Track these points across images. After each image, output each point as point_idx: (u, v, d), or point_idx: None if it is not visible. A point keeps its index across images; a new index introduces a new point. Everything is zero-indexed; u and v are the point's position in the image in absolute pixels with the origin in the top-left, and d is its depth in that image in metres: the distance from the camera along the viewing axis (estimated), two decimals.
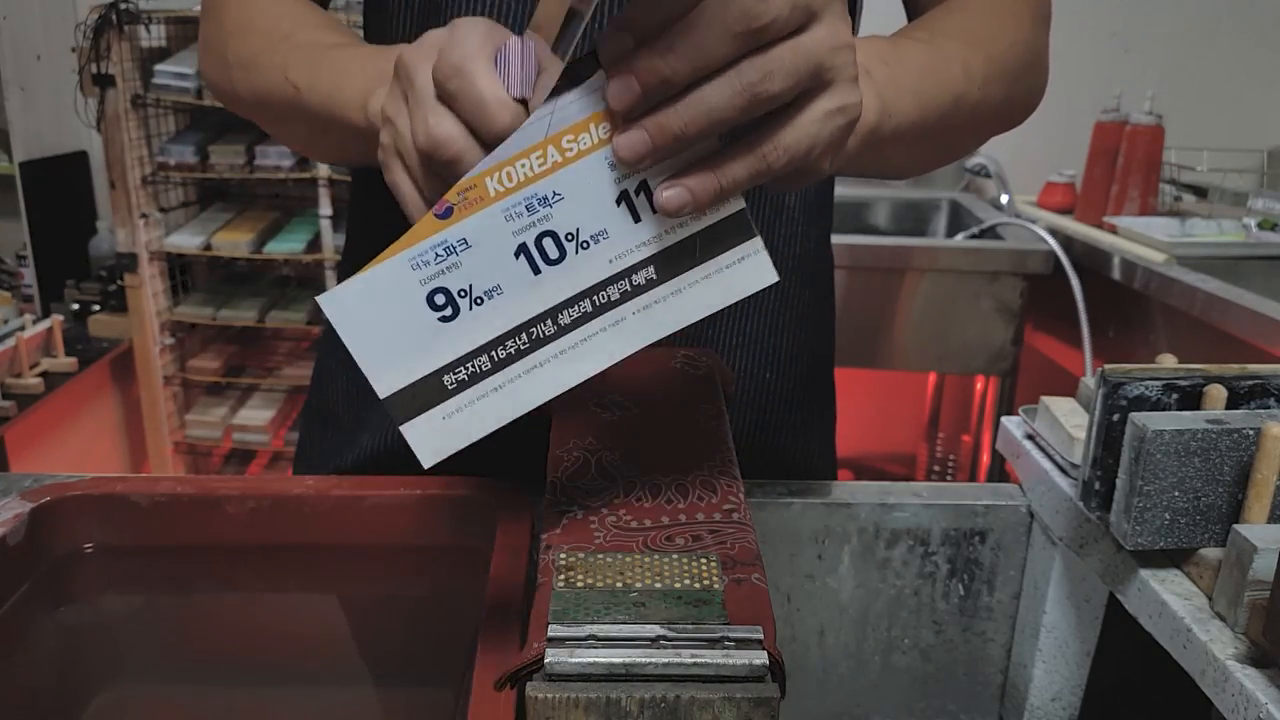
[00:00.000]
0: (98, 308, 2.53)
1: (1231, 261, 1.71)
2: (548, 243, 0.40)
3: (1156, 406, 0.46)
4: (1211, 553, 0.45)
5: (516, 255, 0.40)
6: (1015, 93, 0.61)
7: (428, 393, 0.41)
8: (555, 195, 0.39)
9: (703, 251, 0.40)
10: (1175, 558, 0.47)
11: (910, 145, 0.54)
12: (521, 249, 0.40)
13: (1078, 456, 0.53)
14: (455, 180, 0.39)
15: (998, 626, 0.63)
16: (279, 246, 2.35)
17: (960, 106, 0.55)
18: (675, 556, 0.42)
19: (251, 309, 2.43)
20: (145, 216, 2.33)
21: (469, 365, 0.41)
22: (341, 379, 0.74)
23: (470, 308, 0.40)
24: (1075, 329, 1.77)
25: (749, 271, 0.41)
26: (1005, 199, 2.10)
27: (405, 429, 0.41)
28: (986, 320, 1.81)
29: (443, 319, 0.40)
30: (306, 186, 2.35)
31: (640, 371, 0.57)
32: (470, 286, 0.40)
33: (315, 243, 2.35)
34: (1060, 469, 0.56)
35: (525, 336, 0.41)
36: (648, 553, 0.42)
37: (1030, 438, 0.59)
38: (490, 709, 0.38)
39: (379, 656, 0.56)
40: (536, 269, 0.40)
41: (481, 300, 0.40)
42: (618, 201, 0.39)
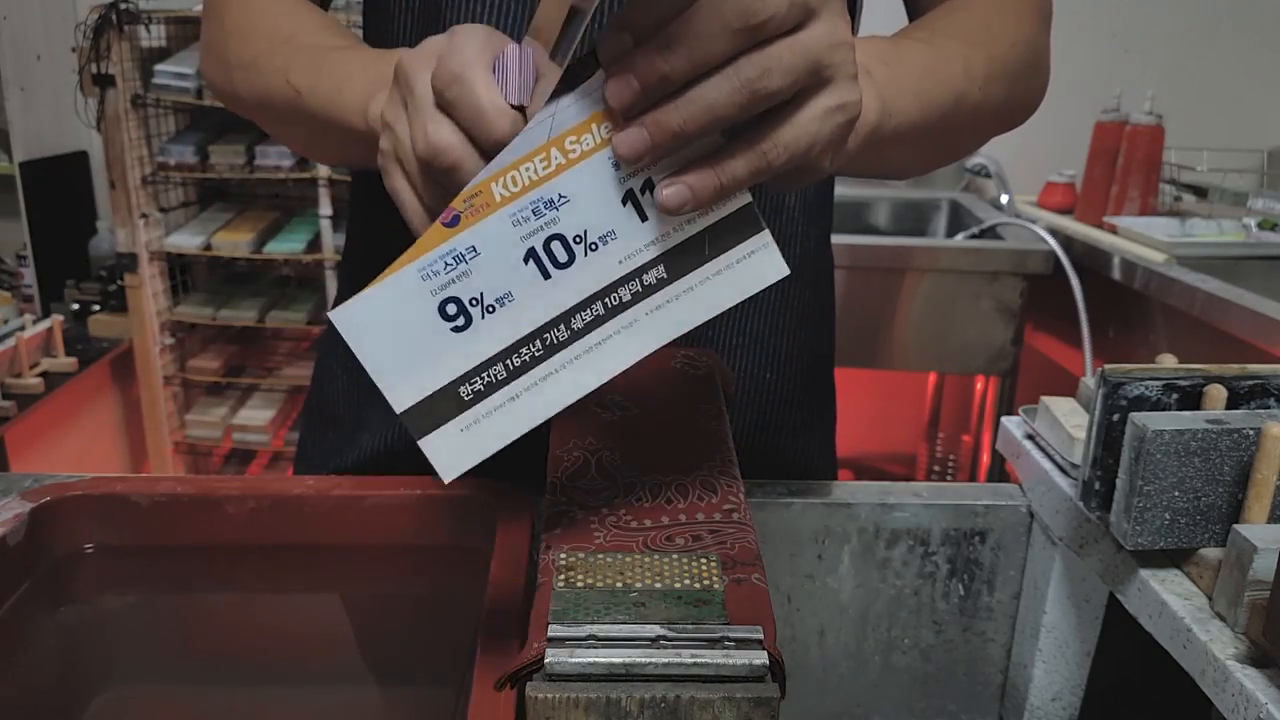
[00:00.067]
0: (98, 308, 2.53)
1: (1231, 261, 1.71)
2: (556, 246, 0.39)
3: (1156, 406, 0.46)
4: (1211, 553, 0.45)
5: (526, 260, 0.39)
6: (1016, 92, 0.61)
7: (444, 405, 0.40)
8: (561, 198, 0.39)
9: (712, 247, 0.40)
10: (1175, 558, 0.47)
11: (911, 145, 0.54)
12: (530, 254, 0.39)
13: (1078, 456, 0.53)
14: (455, 188, 0.39)
15: (998, 626, 0.63)
16: (279, 246, 2.35)
17: (961, 106, 0.55)
18: (675, 556, 0.42)
19: (251, 309, 2.43)
20: (145, 216, 2.33)
21: (484, 375, 0.40)
22: (342, 379, 0.74)
23: (482, 316, 0.40)
24: (1075, 329, 1.77)
25: (759, 265, 0.40)
26: (1005, 199, 2.10)
27: (424, 444, 0.40)
28: (986, 320, 1.81)
29: (455, 329, 0.40)
30: (306, 186, 2.35)
31: (640, 371, 0.57)
32: (481, 294, 0.39)
33: (315, 243, 2.35)
34: (1060, 469, 0.56)
35: (539, 343, 0.40)
36: (648, 553, 0.42)
37: (1030, 438, 0.59)
38: (490, 709, 0.38)
39: (379, 656, 0.56)
40: (546, 273, 0.40)
41: (493, 308, 0.40)
42: (624, 201, 0.39)
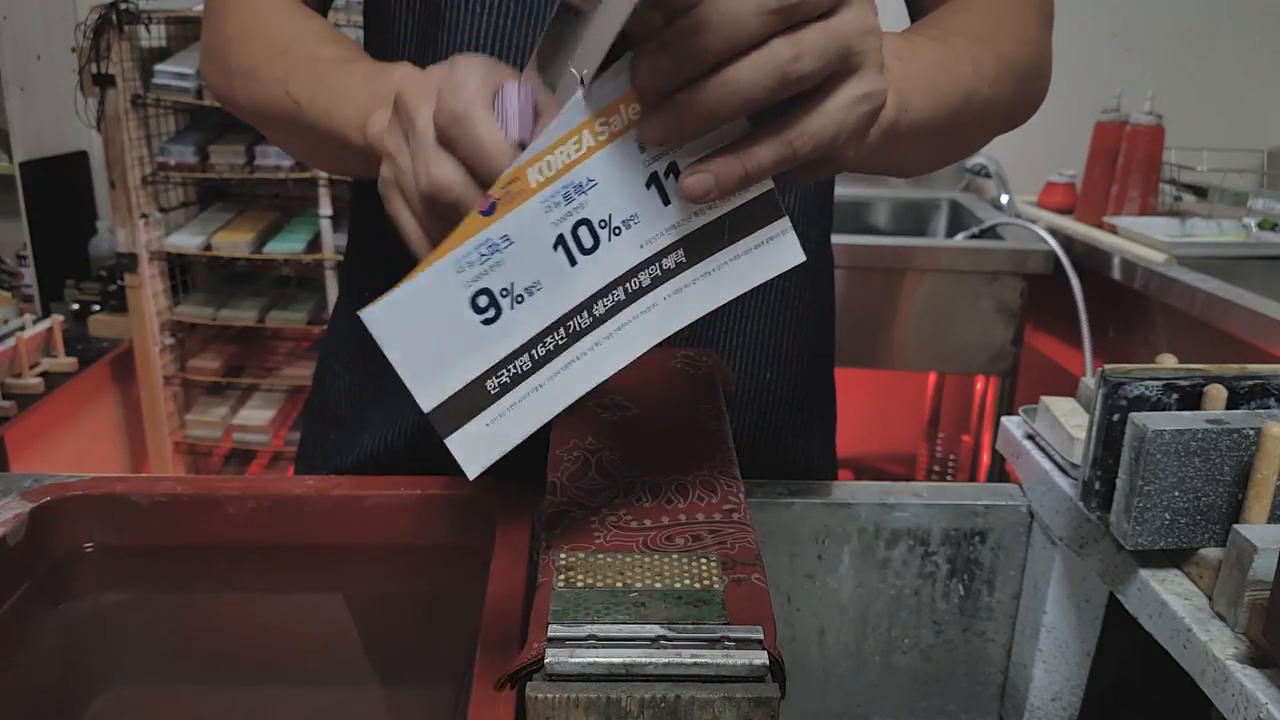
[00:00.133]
0: (98, 308, 2.53)
1: (1231, 261, 1.71)
2: (583, 231, 0.39)
3: (1156, 406, 0.46)
4: (1211, 553, 0.45)
5: (555, 247, 0.38)
6: (1023, 91, 0.61)
7: (471, 401, 0.39)
8: (589, 181, 0.38)
9: (732, 233, 0.40)
10: (1175, 558, 0.47)
11: (924, 142, 0.53)
12: (560, 240, 0.38)
13: (1078, 456, 0.53)
14: (458, 219, 0.38)
15: (998, 626, 0.63)
16: (279, 246, 2.35)
17: (971, 103, 0.55)
18: (675, 556, 0.42)
19: (251, 309, 2.43)
20: (145, 216, 2.33)
21: (511, 367, 0.39)
22: (343, 379, 0.74)
23: (511, 307, 0.39)
24: (1075, 329, 1.77)
25: (777, 252, 0.40)
26: (1005, 199, 2.10)
27: (451, 441, 0.39)
28: (986, 320, 1.81)
29: (485, 321, 0.39)
30: (306, 186, 2.35)
31: (640, 371, 0.57)
32: (512, 285, 0.38)
33: (315, 243, 2.35)
34: (1060, 469, 0.56)
35: (563, 331, 0.39)
36: (648, 553, 0.42)
37: (1030, 438, 0.59)
38: (490, 709, 0.38)
39: (379, 656, 0.56)
40: (573, 260, 0.39)
41: (522, 298, 0.39)
42: (648, 184, 0.38)
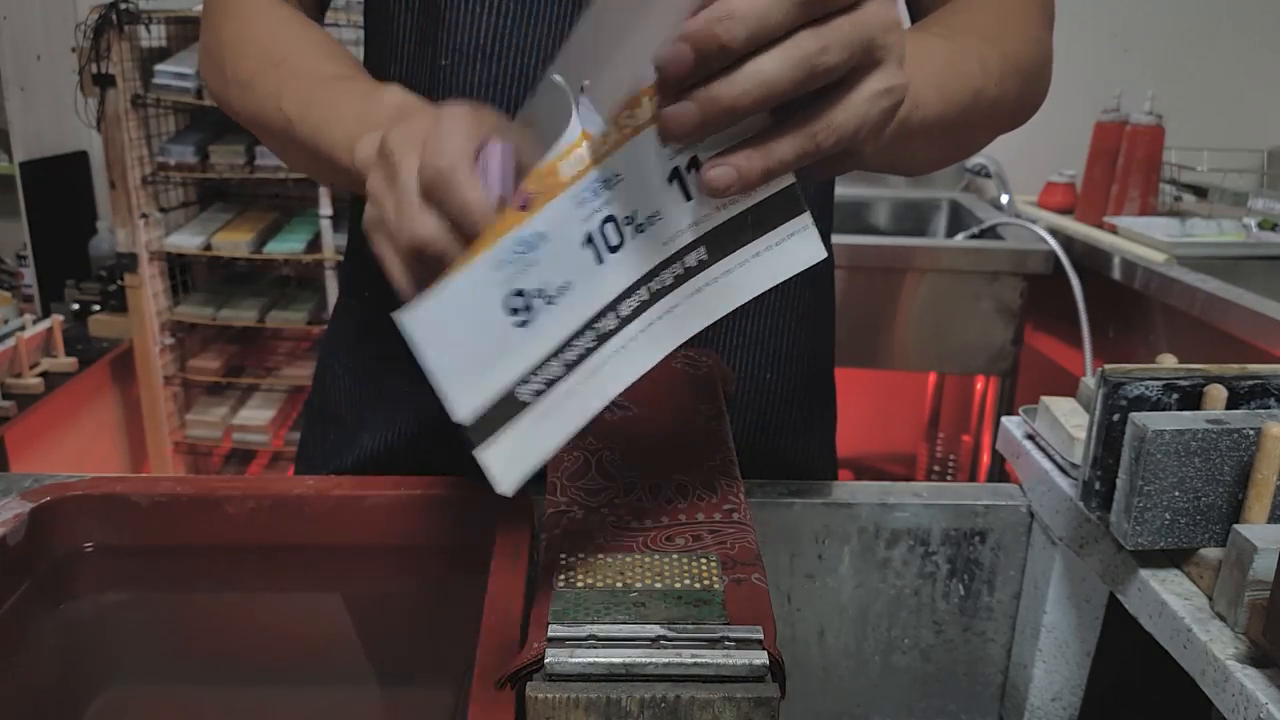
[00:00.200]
0: (98, 308, 2.53)
1: (1231, 261, 1.71)
2: (609, 228, 0.37)
3: (1156, 406, 0.46)
4: (1211, 553, 0.45)
5: (584, 245, 0.37)
6: (1027, 90, 0.61)
7: (504, 410, 0.37)
8: (616, 176, 0.37)
9: (753, 229, 0.38)
10: (1175, 558, 0.47)
11: (933, 139, 0.53)
12: (589, 237, 0.37)
13: (1078, 456, 0.53)
14: (441, 269, 0.37)
15: (998, 626, 0.63)
16: (279, 246, 2.35)
17: (979, 101, 0.55)
18: (675, 556, 0.42)
19: (251, 309, 2.43)
20: (145, 216, 2.33)
21: (542, 373, 0.37)
22: (343, 379, 0.74)
23: (543, 309, 0.37)
24: (1075, 329, 1.77)
25: (798, 248, 0.39)
26: (1005, 199, 2.10)
27: (483, 454, 0.37)
28: (986, 320, 1.81)
29: (518, 325, 0.37)
30: (306, 186, 2.35)
31: None
32: (544, 285, 0.37)
33: (315, 243, 2.35)
34: (1060, 469, 0.56)
35: (592, 333, 0.38)
36: (648, 553, 0.42)
37: (1030, 438, 0.59)
38: (490, 709, 0.38)
39: (379, 656, 0.56)
40: (600, 258, 0.37)
41: (553, 299, 0.37)
42: (670, 179, 0.37)
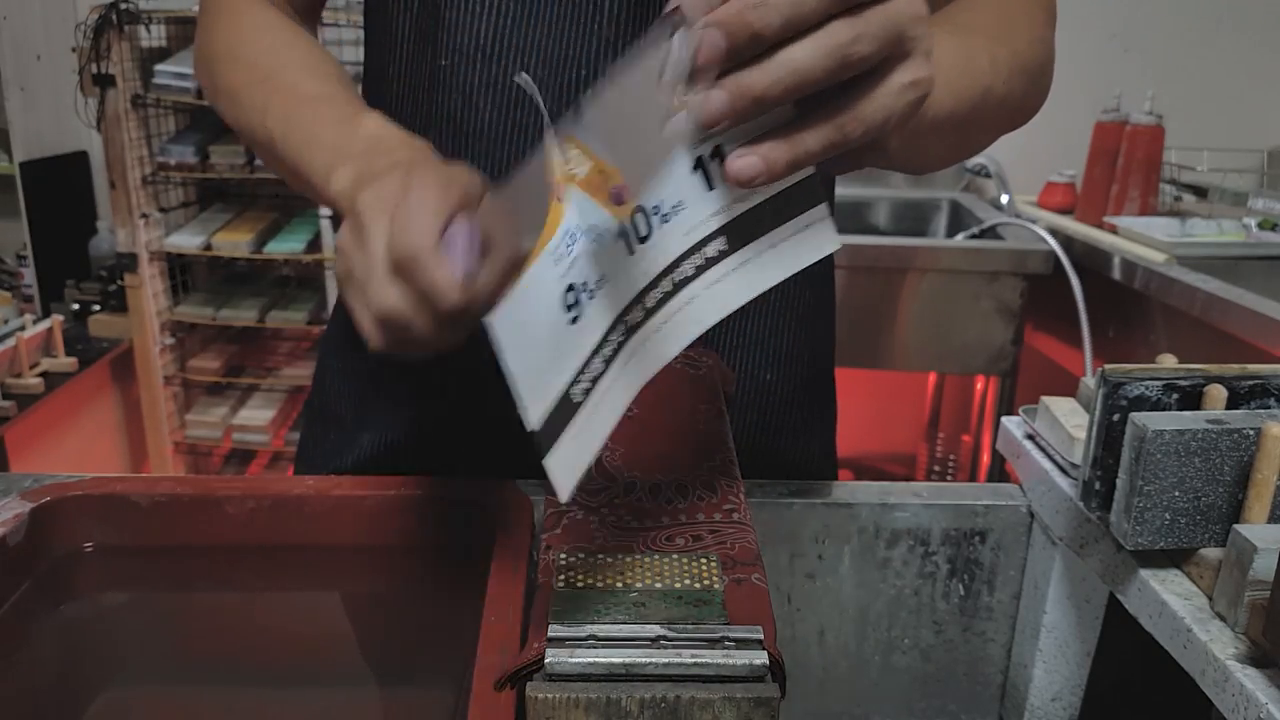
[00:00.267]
0: (98, 308, 2.53)
1: (1231, 261, 1.71)
2: (639, 218, 0.36)
3: (1157, 406, 0.46)
4: (1211, 553, 0.45)
5: (618, 236, 0.36)
6: (1031, 89, 0.61)
7: (563, 413, 0.36)
8: None
9: (772, 219, 0.38)
10: (1175, 558, 0.47)
11: (943, 136, 0.53)
12: (622, 230, 0.36)
13: (1078, 456, 0.53)
14: (409, 338, 0.37)
15: (998, 626, 0.63)
16: (279, 246, 2.35)
17: (988, 99, 0.55)
18: (675, 556, 0.42)
19: (251, 309, 2.43)
20: (145, 216, 2.33)
21: (589, 371, 0.37)
22: (343, 380, 0.74)
23: (588, 303, 0.36)
24: (1075, 329, 1.77)
25: (815, 238, 0.38)
26: (1005, 199, 2.10)
27: (549, 463, 0.36)
28: (986, 320, 1.81)
29: (571, 321, 0.36)
30: None
31: None
32: (587, 278, 0.36)
33: (315, 243, 2.35)
34: (1060, 469, 0.56)
35: (623, 327, 0.37)
36: (648, 553, 0.42)
37: (1030, 438, 0.59)
38: (490, 709, 0.38)
39: (379, 656, 0.56)
40: (631, 249, 0.37)
41: (593, 293, 0.36)
42: (693, 168, 0.37)
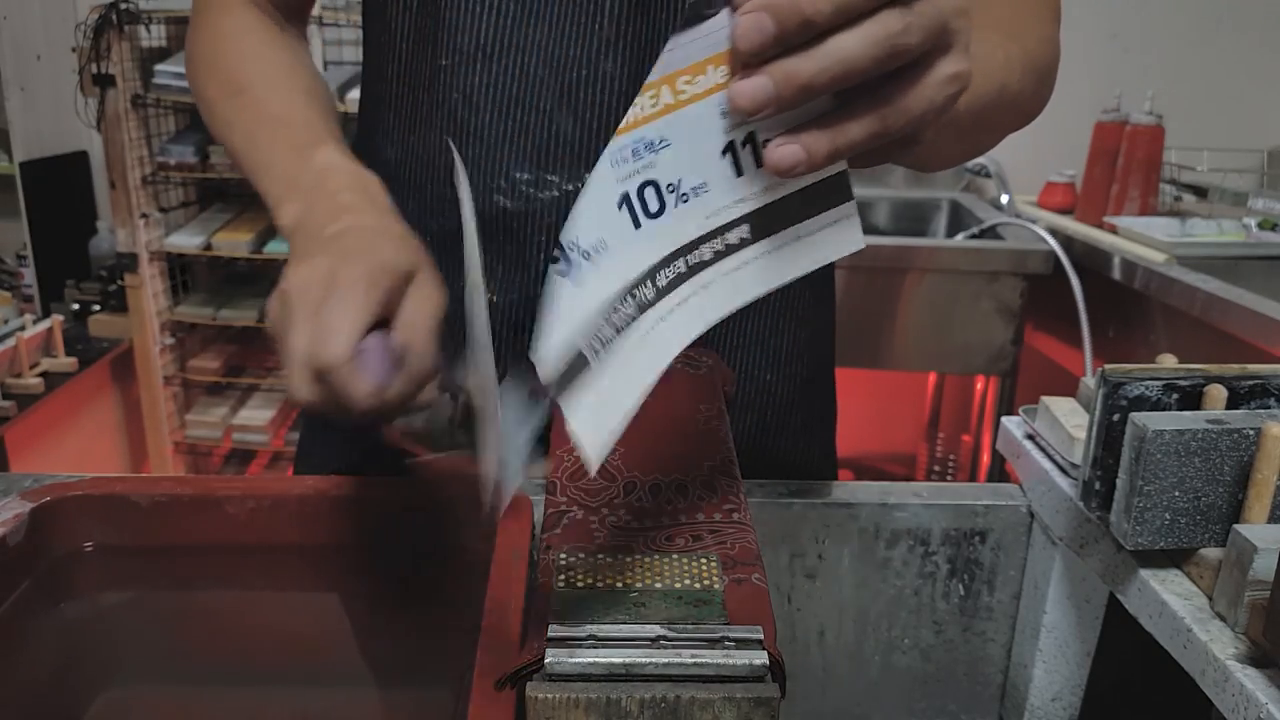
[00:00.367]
0: (98, 308, 2.53)
1: (1231, 261, 1.71)
2: (649, 193, 0.36)
3: (1157, 406, 0.46)
4: (1212, 553, 0.45)
5: (620, 206, 0.36)
6: (1040, 88, 0.61)
7: (576, 368, 0.36)
8: (662, 141, 0.36)
9: (799, 212, 0.37)
10: (1175, 558, 0.47)
11: (963, 133, 0.53)
12: (624, 199, 0.36)
13: (1078, 456, 0.53)
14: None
15: (998, 626, 0.63)
16: (279, 246, 2.35)
17: (1003, 97, 0.54)
18: (675, 556, 0.42)
19: (251, 309, 2.43)
20: (145, 216, 2.33)
21: (597, 333, 0.36)
22: None
23: (581, 262, 0.36)
24: (1075, 329, 1.77)
25: (840, 235, 0.38)
26: (1005, 199, 2.10)
27: (572, 419, 0.36)
28: (986, 320, 1.81)
29: (560, 273, 0.36)
30: None
31: None
32: (577, 238, 0.36)
33: None
34: (1060, 469, 0.56)
35: (632, 301, 0.37)
36: (648, 553, 0.42)
37: (1030, 438, 0.59)
38: (490, 709, 0.38)
39: (379, 656, 0.56)
40: (637, 222, 0.36)
41: (589, 254, 0.36)
42: (723, 152, 0.36)
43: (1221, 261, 1.69)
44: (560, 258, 0.36)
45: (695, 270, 0.38)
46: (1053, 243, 1.79)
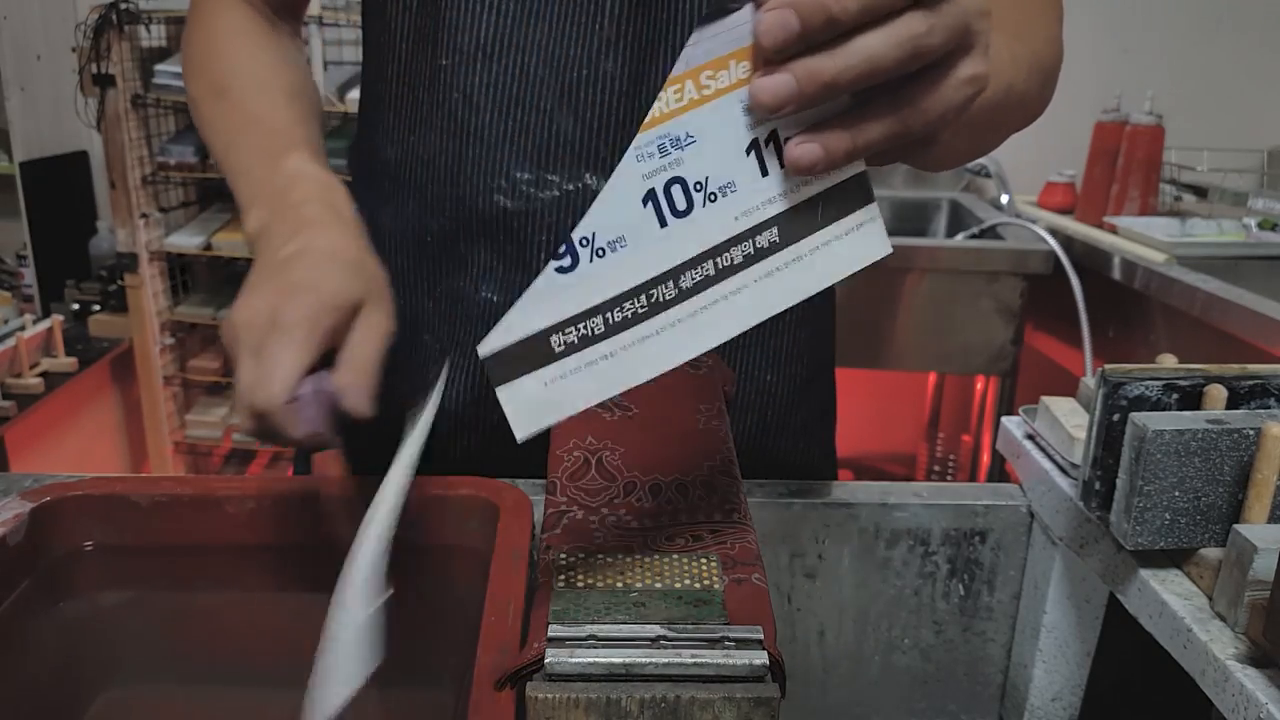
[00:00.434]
0: (98, 308, 2.53)
1: (1231, 261, 1.71)
2: (676, 191, 0.36)
3: (1157, 406, 0.46)
4: (1212, 553, 0.45)
5: (644, 203, 0.36)
6: (1044, 88, 0.61)
7: (532, 354, 0.36)
8: (688, 137, 0.35)
9: (824, 215, 0.37)
10: (1175, 558, 0.47)
11: (974, 131, 0.53)
12: (650, 195, 0.36)
13: (1078, 456, 0.53)
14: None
15: (998, 626, 0.63)
16: None
17: (1010, 96, 0.54)
18: (675, 556, 0.42)
19: None
20: (145, 216, 2.33)
21: (581, 327, 0.36)
22: None
23: (590, 259, 0.36)
24: (1075, 329, 1.77)
25: (866, 240, 0.38)
26: (1005, 199, 2.10)
27: (502, 391, 0.37)
28: (986, 320, 1.81)
29: (560, 270, 0.36)
30: None
31: None
32: (594, 234, 0.36)
33: None
34: (1060, 469, 0.56)
35: (645, 299, 0.37)
36: (648, 553, 0.42)
37: (1030, 438, 0.59)
38: (490, 709, 0.38)
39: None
40: (663, 220, 0.36)
41: (603, 252, 0.36)
42: (748, 151, 0.36)
43: (1221, 261, 1.69)
44: (566, 253, 0.36)
45: (724, 274, 0.37)
46: (1053, 243, 1.79)
